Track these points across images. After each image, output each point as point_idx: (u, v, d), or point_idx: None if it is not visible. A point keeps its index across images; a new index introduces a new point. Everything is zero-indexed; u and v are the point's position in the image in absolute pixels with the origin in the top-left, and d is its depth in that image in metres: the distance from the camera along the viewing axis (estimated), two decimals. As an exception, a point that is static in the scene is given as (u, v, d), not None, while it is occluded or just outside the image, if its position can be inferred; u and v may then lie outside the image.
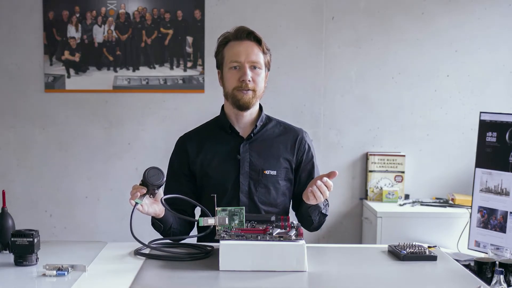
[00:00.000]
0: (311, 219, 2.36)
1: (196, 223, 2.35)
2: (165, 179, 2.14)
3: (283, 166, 2.42)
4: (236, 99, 2.34)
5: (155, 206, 2.18)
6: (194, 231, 2.36)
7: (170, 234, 2.33)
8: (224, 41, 2.39)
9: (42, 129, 4.07)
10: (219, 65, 2.42)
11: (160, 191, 2.17)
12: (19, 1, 3.99)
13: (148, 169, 2.12)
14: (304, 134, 2.50)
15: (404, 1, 3.99)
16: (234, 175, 2.38)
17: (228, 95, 2.38)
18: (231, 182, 2.38)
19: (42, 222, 4.04)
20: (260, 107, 2.47)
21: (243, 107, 2.35)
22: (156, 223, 2.30)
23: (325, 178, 2.13)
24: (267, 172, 2.39)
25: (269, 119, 2.49)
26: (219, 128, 2.46)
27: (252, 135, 2.42)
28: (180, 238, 2.29)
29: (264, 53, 2.38)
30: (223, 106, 2.48)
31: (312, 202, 2.18)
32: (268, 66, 2.42)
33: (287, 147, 2.44)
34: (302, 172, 2.46)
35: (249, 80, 2.32)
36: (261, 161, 2.39)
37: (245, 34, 2.36)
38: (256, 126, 2.42)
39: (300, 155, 2.46)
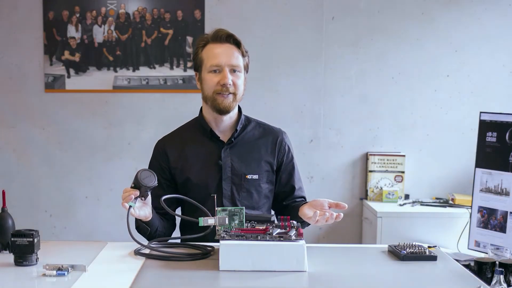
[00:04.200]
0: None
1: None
2: (157, 181, 2.14)
3: (265, 169, 2.42)
4: (216, 103, 2.32)
5: (145, 209, 2.17)
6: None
7: (155, 237, 2.31)
8: (202, 43, 2.36)
9: (42, 129, 4.07)
10: (197, 68, 2.40)
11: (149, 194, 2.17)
12: (19, 1, 3.99)
13: (140, 171, 2.11)
14: (283, 135, 2.50)
15: (404, 1, 3.99)
16: (216, 180, 2.38)
17: (207, 98, 2.35)
18: (213, 187, 2.37)
19: (42, 222, 4.04)
20: (239, 110, 2.45)
21: (223, 111, 2.34)
22: (142, 225, 2.27)
23: (341, 215, 2.11)
24: (249, 176, 2.39)
25: (248, 120, 2.48)
26: (199, 132, 2.44)
27: (232, 139, 2.41)
28: (182, 238, 2.30)
29: (243, 55, 2.36)
30: (201, 109, 2.47)
31: (312, 223, 2.19)
32: (246, 68, 2.40)
33: (267, 150, 2.44)
34: (283, 174, 2.47)
35: (229, 84, 2.31)
36: (242, 166, 2.39)
37: (225, 37, 2.34)
38: (236, 130, 2.41)
39: (280, 157, 2.45)
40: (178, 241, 2.27)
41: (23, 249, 1.92)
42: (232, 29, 2.49)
